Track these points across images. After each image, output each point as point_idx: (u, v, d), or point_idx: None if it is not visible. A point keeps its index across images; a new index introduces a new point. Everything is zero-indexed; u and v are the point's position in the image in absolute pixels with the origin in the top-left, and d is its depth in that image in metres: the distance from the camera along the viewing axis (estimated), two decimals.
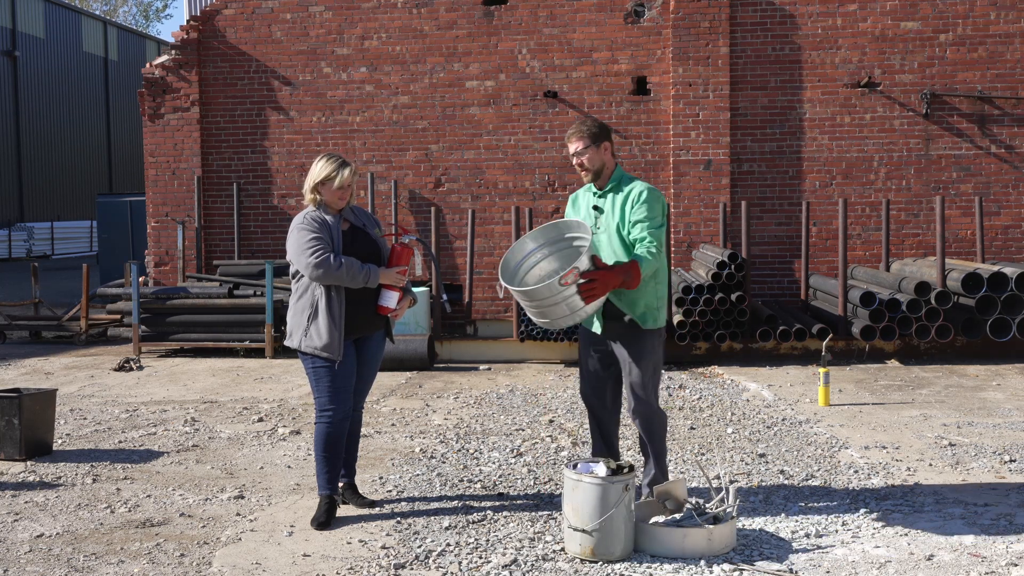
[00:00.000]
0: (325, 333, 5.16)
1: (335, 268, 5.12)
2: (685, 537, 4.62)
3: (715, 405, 8.26)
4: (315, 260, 5.11)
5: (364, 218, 5.49)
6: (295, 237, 5.22)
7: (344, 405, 5.28)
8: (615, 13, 12.65)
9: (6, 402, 6.60)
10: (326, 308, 5.18)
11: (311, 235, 5.17)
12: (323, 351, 5.17)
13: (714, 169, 12.41)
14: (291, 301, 5.36)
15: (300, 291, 5.28)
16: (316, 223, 5.22)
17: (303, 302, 5.25)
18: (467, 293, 11.71)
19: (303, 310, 5.24)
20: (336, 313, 5.18)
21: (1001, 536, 4.89)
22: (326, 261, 5.11)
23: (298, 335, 5.25)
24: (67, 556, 4.79)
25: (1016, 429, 7.22)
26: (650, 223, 4.99)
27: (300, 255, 5.17)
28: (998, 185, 12.38)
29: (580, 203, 5.33)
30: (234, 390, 9.26)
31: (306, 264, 5.14)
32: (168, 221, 13.30)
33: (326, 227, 5.23)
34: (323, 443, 5.25)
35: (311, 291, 5.22)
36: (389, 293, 5.33)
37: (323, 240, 5.17)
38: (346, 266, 5.15)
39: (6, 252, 31.01)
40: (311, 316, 5.20)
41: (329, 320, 5.17)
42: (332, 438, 5.25)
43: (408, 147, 13.02)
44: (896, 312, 9.91)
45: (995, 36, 12.29)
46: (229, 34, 13.18)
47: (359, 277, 5.19)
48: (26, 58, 37.11)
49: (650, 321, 5.09)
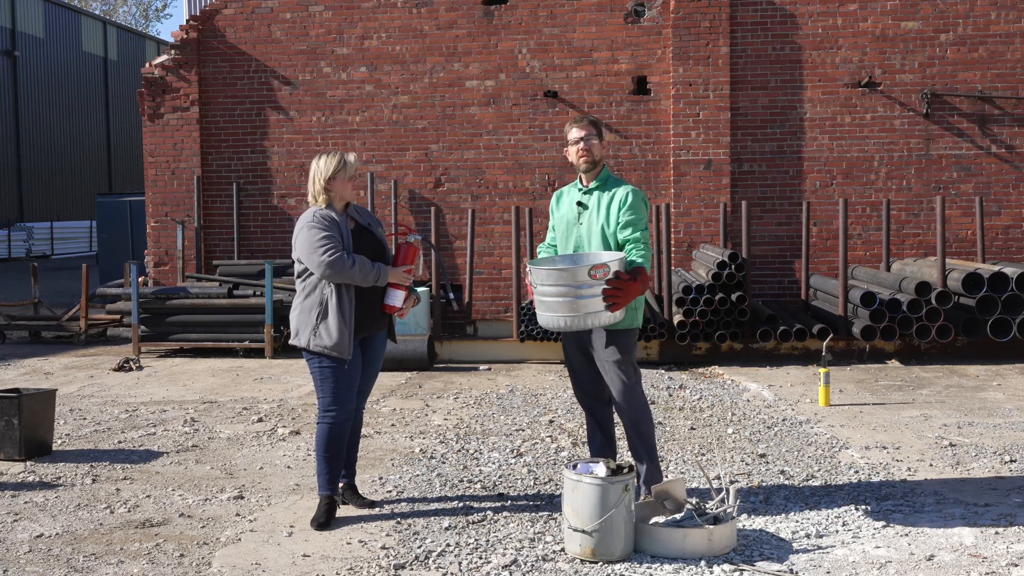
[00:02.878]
0: (335, 332, 5.13)
1: (349, 266, 5.10)
2: (685, 537, 4.61)
3: (715, 405, 8.26)
4: (328, 258, 5.08)
5: (368, 217, 5.49)
6: (306, 235, 5.17)
7: (348, 405, 5.26)
8: (615, 13, 12.64)
9: (6, 402, 6.59)
10: (337, 307, 5.14)
11: (322, 233, 5.13)
12: (333, 350, 5.14)
13: (714, 169, 12.40)
14: (297, 300, 5.31)
15: (308, 289, 5.23)
16: (326, 221, 5.19)
17: (311, 300, 5.21)
18: (467, 293, 11.70)
19: (311, 308, 5.20)
20: (347, 312, 5.16)
21: (1001, 536, 4.88)
22: (340, 259, 5.09)
23: (306, 334, 5.20)
24: (67, 556, 4.79)
25: (1017, 429, 7.21)
26: (638, 225, 5.13)
27: (312, 253, 5.11)
28: (999, 185, 12.37)
29: (564, 200, 5.44)
30: (234, 390, 9.26)
31: (319, 262, 5.09)
32: (168, 221, 13.30)
33: (335, 225, 5.20)
34: (325, 443, 5.23)
35: (320, 289, 5.18)
36: (395, 292, 5.32)
37: (334, 238, 5.14)
38: (359, 264, 5.13)
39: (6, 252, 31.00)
40: (320, 315, 5.16)
41: (340, 319, 5.14)
42: (335, 438, 5.23)
43: (408, 147, 13.02)
44: (897, 312, 9.90)
45: (995, 36, 12.29)
46: (229, 34, 13.17)
47: (370, 276, 5.17)
48: (26, 58, 37.10)
49: (629, 321, 5.16)
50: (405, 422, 7.76)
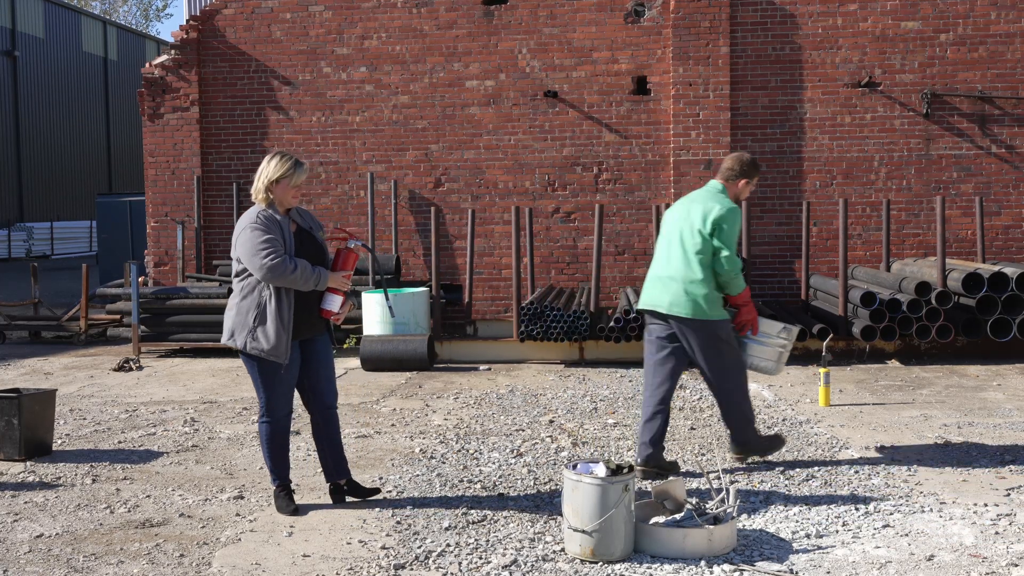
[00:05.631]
0: (273, 336, 5.13)
1: (291, 271, 5.09)
2: (685, 537, 4.61)
3: (715, 405, 8.25)
4: (270, 262, 5.06)
5: (309, 220, 5.48)
6: (247, 237, 5.14)
7: (288, 406, 5.36)
8: (615, 13, 12.64)
9: (6, 402, 6.59)
10: (275, 311, 5.14)
11: (265, 235, 5.11)
12: (270, 354, 5.15)
13: (714, 169, 12.39)
14: (233, 299, 5.29)
15: (245, 291, 5.21)
16: (269, 223, 5.16)
17: (248, 302, 5.19)
18: (467, 293, 11.70)
19: (248, 310, 5.18)
20: (286, 315, 5.16)
21: (1001, 536, 4.88)
22: (283, 263, 5.07)
23: (243, 336, 5.19)
24: (67, 556, 4.79)
25: (1017, 429, 7.21)
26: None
27: (254, 256, 5.09)
28: (999, 185, 12.37)
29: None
30: (233, 390, 9.26)
31: (260, 266, 5.07)
32: (168, 221, 13.30)
33: (278, 227, 5.19)
34: (268, 442, 5.37)
35: (258, 291, 5.17)
36: (333, 297, 5.33)
37: (276, 241, 5.12)
38: (300, 269, 5.12)
39: (6, 252, 31.01)
40: (257, 317, 5.15)
41: (278, 323, 5.13)
42: (278, 437, 5.37)
43: (408, 147, 13.02)
44: (896, 312, 9.90)
45: (995, 36, 12.29)
46: (229, 34, 13.17)
47: (311, 280, 5.16)
48: (26, 58, 37.10)
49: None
50: (405, 422, 7.76)
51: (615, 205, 12.68)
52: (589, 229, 12.42)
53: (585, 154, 12.75)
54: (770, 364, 6.29)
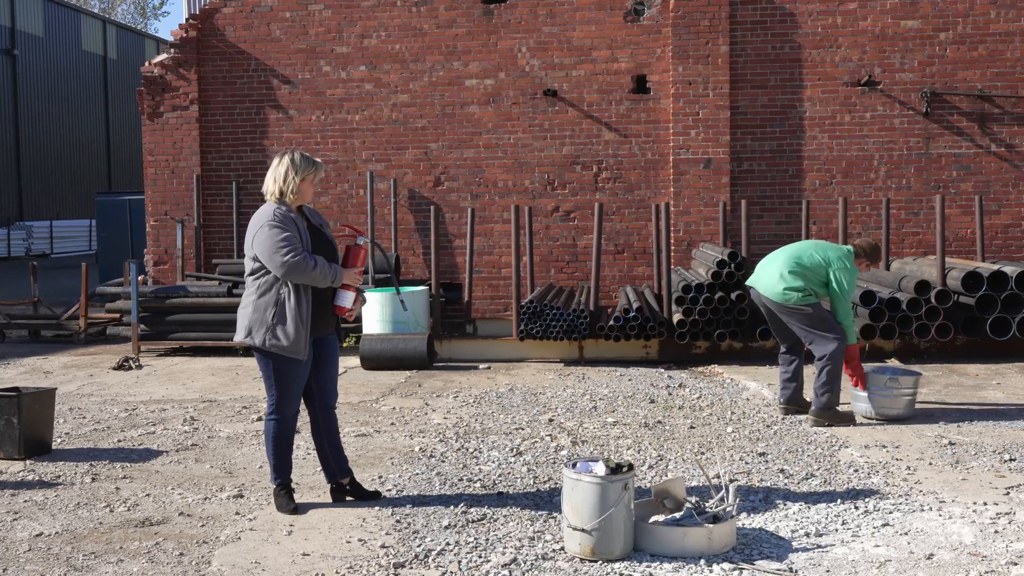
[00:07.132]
0: (292, 332, 5.14)
1: (311, 268, 5.11)
2: (685, 536, 4.61)
3: (715, 404, 8.26)
4: (292, 259, 5.07)
5: (318, 217, 5.51)
6: (265, 235, 5.14)
7: (297, 405, 5.37)
8: (615, 11, 12.64)
9: (5, 401, 6.59)
10: (295, 307, 5.15)
11: (284, 233, 5.12)
12: (289, 351, 5.16)
13: (714, 168, 12.40)
14: (248, 297, 5.28)
15: (263, 288, 5.21)
16: (285, 220, 5.18)
17: (266, 299, 5.19)
18: (467, 292, 11.70)
19: (266, 307, 5.18)
20: (304, 313, 5.17)
21: (1001, 535, 4.88)
22: (303, 260, 5.09)
23: (261, 333, 5.18)
24: (66, 555, 4.79)
25: (1016, 428, 7.21)
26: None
27: (274, 254, 5.10)
28: (998, 184, 12.37)
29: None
30: (233, 389, 9.26)
31: (281, 263, 5.08)
32: (167, 220, 13.30)
33: (294, 224, 5.20)
34: (275, 440, 5.35)
35: (276, 289, 5.17)
36: (346, 293, 5.35)
37: (294, 239, 5.14)
38: (320, 266, 5.14)
39: (5, 251, 31.00)
40: (276, 314, 5.16)
41: (297, 319, 5.14)
42: (285, 435, 5.36)
43: (408, 146, 13.01)
44: (896, 311, 9.90)
45: (995, 35, 12.29)
46: (228, 32, 13.17)
47: (329, 276, 5.19)
48: (25, 57, 37.09)
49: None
50: (405, 421, 7.76)
51: (615, 204, 12.68)
52: (588, 228, 12.42)
53: (585, 153, 12.76)
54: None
